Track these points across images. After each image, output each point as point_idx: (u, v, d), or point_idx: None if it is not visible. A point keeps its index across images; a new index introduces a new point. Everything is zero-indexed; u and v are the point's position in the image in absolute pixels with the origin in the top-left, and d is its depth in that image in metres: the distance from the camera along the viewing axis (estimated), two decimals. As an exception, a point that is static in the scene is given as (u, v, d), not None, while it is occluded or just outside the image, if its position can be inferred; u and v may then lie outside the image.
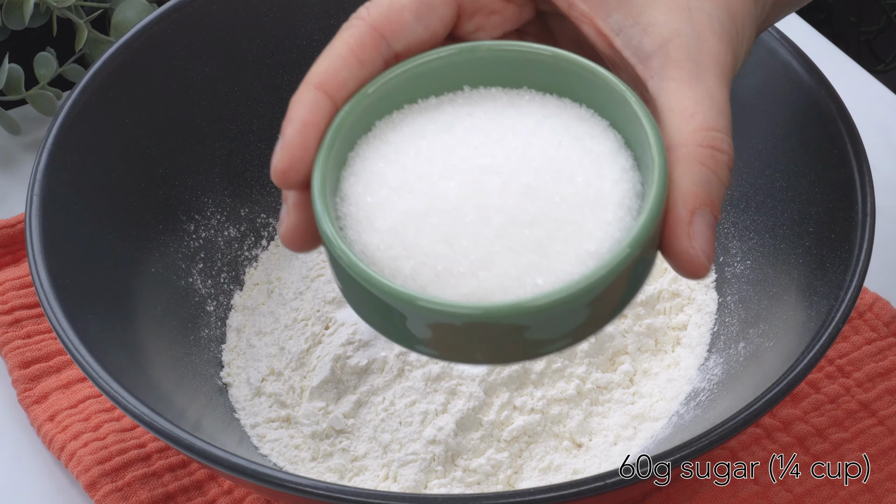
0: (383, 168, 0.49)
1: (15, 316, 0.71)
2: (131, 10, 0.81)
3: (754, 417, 0.55)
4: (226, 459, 0.54)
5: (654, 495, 0.65)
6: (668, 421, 0.65)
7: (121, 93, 0.68)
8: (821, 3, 1.22)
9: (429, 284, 0.47)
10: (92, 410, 0.68)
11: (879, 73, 1.17)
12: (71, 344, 0.58)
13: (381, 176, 0.49)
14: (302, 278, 0.70)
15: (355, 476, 0.63)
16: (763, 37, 0.68)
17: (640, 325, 0.68)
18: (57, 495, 0.66)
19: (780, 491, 0.65)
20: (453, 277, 0.47)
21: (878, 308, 0.72)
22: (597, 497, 0.54)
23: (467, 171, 0.48)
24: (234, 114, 0.72)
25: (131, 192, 0.67)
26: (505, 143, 0.49)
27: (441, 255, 0.47)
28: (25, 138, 0.83)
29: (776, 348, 0.62)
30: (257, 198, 0.73)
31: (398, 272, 0.47)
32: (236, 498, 0.65)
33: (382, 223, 0.48)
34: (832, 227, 0.62)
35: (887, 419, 0.68)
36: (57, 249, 0.61)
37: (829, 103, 0.65)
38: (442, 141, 0.49)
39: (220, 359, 0.68)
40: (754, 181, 0.69)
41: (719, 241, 0.70)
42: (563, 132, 0.49)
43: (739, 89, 0.69)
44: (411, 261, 0.47)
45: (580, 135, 0.49)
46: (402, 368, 0.65)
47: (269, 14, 0.73)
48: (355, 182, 0.49)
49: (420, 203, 0.48)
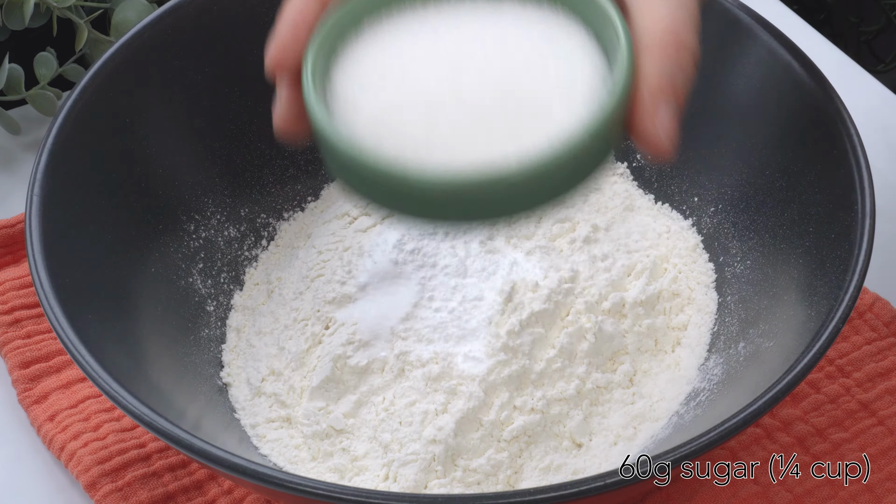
0: (370, 60, 0.53)
1: (15, 316, 0.71)
2: (131, 10, 0.81)
3: (754, 417, 0.55)
4: (226, 459, 0.54)
5: (654, 495, 0.65)
6: (668, 421, 0.65)
7: (121, 93, 0.68)
8: (821, 3, 1.22)
9: (409, 161, 0.51)
10: (92, 410, 0.68)
11: (879, 74, 1.17)
12: (71, 344, 0.58)
13: (368, 67, 0.53)
14: (302, 278, 0.70)
15: (355, 476, 0.63)
16: (763, 36, 0.68)
17: (640, 326, 0.68)
18: (57, 495, 0.66)
19: (780, 491, 0.65)
20: (431, 155, 0.51)
21: (879, 308, 0.72)
22: (597, 497, 0.54)
23: (447, 64, 0.53)
24: (234, 114, 0.72)
25: (131, 191, 0.67)
26: (483, 41, 0.53)
27: (420, 136, 0.51)
28: (25, 138, 0.83)
29: (776, 348, 0.62)
30: (257, 198, 0.73)
31: (382, 152, 0.51)
32: (236, 498, 0.65)
33: (368, 109, 0.52)
34: (832, 226, 0.62)
35: (887, 419, 0.68)
36: (57, 249, 0.61)
37: (829, 103, 0.65)
38: (426, 38, 0.54)
39: (220, 359, 0.68)
40: (754, 181, 0.69)
41: (719, 240, 0.70)
42: (537, 31, 0.54)
43: (740, 88, 0.69)
44: (393, 141, 0.51)
45: (553, 34, 0.54)
46: (402, 368, 0.65)
47: (269, 14, 0.72)
48: (343, 73, 0.54)
49: (403, 91, 0.52)
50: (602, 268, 0.69)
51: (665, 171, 0.73)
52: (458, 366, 0.64)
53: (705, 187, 0.71)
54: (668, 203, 0.73)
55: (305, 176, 0.75)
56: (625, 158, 0.75)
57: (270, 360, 0.67)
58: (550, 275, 0.67)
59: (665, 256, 0.71)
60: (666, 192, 0.73)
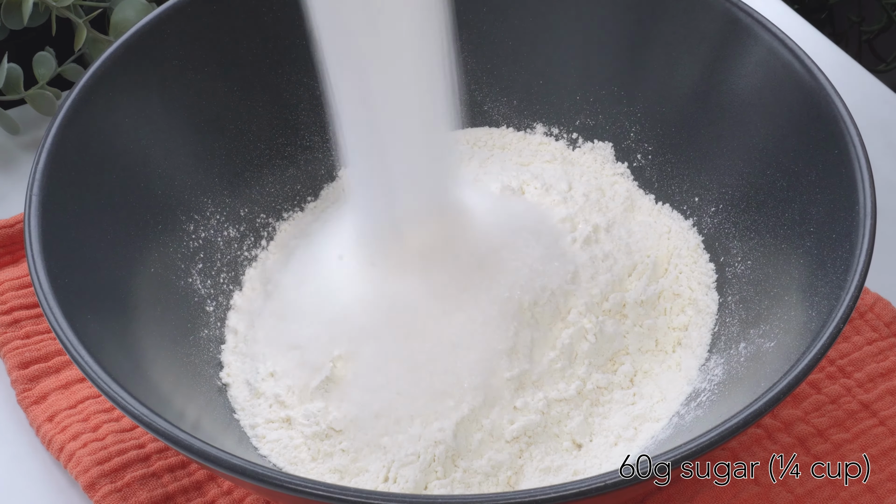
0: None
1: (14, 316, 0.71)
2: (130, 9, 0.81)
3: (755, 418, 0.55)
4: (225, 460, 0.54)
5: (654, 496, 0.65)
6: (668, 421, 0.65)
7: (120, 92, 0.68)
8: (822, 3, 1.22)
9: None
10: (91, 411, 0.67)
11: (880, 73, 1.17)
12: (70, 344, 0.58)
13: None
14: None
15: (355, 477, 0.63)
16: (763, 36, 0.68)
17: (640, 326, 0.68)
18: (56, 496, 0.66)
19: (780, 491, 0.65)
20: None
21: (880, 308, 0.72)
22: (597, 497, 0.54)
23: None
24: (234, 114, 0.72)
25: (130, 192, 0.67)
26: None
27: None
28: (24, 138, 0.83)
29: (777, 349, 0.62)
30: (257, 198, 0.73)
31: None
32: (236, 499, 0.65)
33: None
34: (833, 226, 0.62)
35: (888, 419, 0.68)
36: (56, 249, 0.61)
37: (830, 103, 0.65)
38: None
39: (219, 359, 0.68)
40: (755, 181, 0.68)
41: (720, 241, 0.70)
42: None
43: (740, 88, 0.69)
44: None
45: None
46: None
47: (269, 14, 0.73)
48: None
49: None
50: (603, 268, 0.68)
51: (666, 171, 0.73)
52: (459, 366, 0.64)
53: (706, 187, 0.71)
54: (668, 203, 0.73)
55: (305, 176, 0.75)
56: (625, 158, 0.75)
57: (270, 361, 0.67)
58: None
59: (666, 256, 0.71)
60: (667, 192, 0.73)
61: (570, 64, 0.75)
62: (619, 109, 0.74)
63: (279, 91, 0.73)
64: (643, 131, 0.74)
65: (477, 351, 0.64)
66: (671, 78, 0.72)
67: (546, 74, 0.75)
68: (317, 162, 0.75)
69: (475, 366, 0.64)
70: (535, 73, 0.76)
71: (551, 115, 0.76)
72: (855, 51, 1.21)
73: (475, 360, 0.64)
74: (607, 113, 0.75)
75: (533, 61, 0.75)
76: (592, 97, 0.75)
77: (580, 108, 0.75)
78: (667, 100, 0.73)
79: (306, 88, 0.74)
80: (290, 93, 0.74)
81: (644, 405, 0.66)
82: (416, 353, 0.64)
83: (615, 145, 0.75)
